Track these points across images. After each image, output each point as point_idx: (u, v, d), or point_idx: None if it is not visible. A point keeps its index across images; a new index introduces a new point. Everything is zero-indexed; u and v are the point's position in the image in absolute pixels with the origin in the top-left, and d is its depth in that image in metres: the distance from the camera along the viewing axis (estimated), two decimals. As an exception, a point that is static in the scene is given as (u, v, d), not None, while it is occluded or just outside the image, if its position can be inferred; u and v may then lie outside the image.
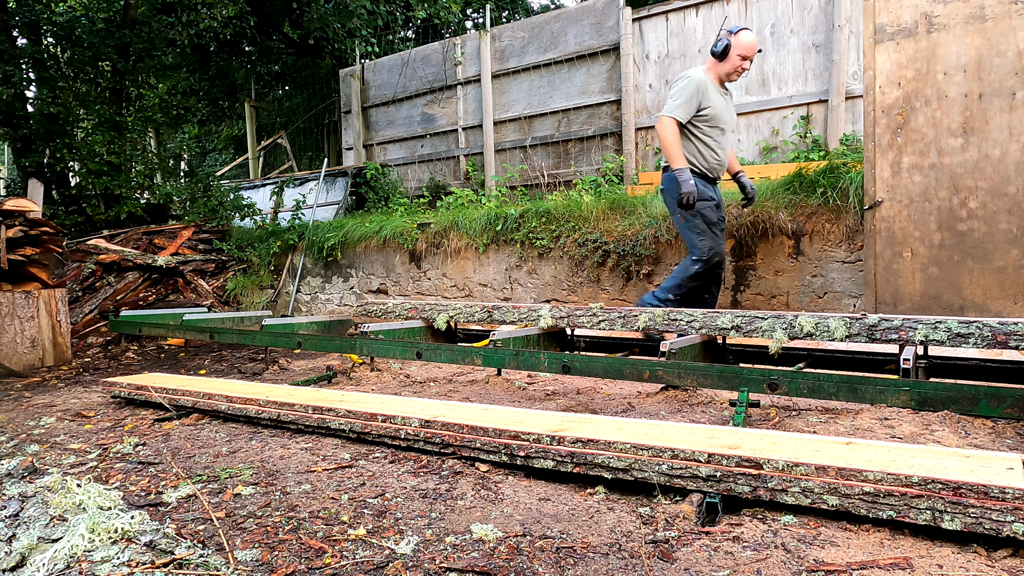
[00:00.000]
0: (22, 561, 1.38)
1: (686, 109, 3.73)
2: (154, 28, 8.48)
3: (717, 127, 3.81)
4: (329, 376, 3.86)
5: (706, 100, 3.74)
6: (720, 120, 3.80)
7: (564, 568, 1.44)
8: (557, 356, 3.09)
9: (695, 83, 3.71)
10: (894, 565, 1.38)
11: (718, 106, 3.77)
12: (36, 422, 3.13)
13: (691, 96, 3.72)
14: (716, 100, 3.77)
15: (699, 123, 3.78)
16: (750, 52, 3.72)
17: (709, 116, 3.76)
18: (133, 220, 8.30)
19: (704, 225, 3.80)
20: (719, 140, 3.84)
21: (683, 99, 3.72)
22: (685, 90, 3.73)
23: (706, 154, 3.83)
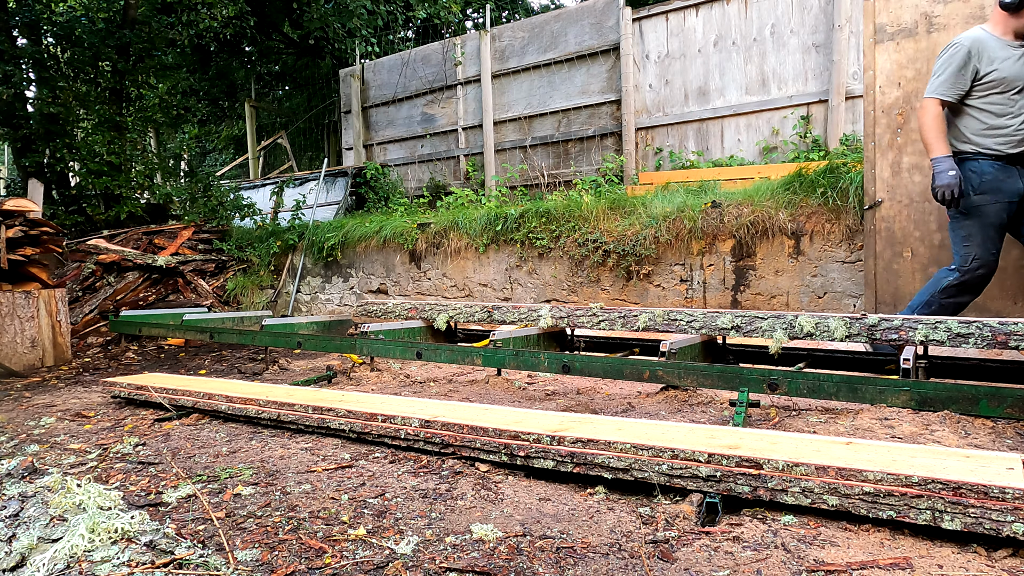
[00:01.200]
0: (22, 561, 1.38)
1: (954, 84, 3.04)
2: (154, 28, 8.48)
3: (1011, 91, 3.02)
4: (329, 376, 3.86)
5: (987, 63, 3.03)
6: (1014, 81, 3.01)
7: (564, 568, 1.44)
8: (557, 356, 3.09)
9: (964, 48, 3.02)
10: (894, 565, 1.38)
11: (1008, 66, 3.00)
12: (36, 422, 3.13)
13: (960, 65, 3.03)
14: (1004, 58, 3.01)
15: (983, 91, 3.06)
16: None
17: (996, 81, 3.02)
18: (133, 220, 8.29)
19: (976, 228, 3.08)
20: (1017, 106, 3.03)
21: (948, 71, 3.05)
22: (950, 60, 3.05)
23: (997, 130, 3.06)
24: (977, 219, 3.09)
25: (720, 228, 4.95)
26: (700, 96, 6.62)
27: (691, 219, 5.02)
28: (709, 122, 6.57)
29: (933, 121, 3.10)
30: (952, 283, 3.15)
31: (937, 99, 3.09)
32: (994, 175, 3.05)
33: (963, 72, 3.04)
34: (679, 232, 5.09)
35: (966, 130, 3.11)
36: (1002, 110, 3.04)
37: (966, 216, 3.12)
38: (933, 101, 3.10)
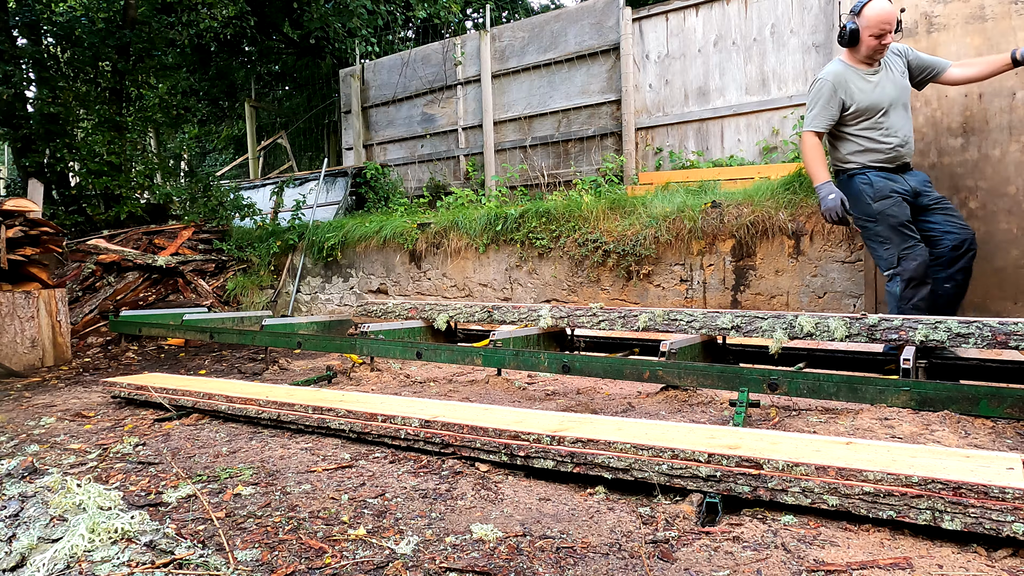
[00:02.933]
0: (22, 561, 1.38)
1: (825, 117, 3.34)
2: (154, 28, 8.48)
3: (876, 114, 3.31)
4: (329, 376, 3.86)
5: (849, 95, 3.32)
6: (875, 107, 3.30)
7: (564, 568, 1.44)
8: (557, 356, 3.09)
9: (828, 84, 3.32)
10: (894, 565, 1.38)
11: (865, 95, 3.30)
12: (36, 422, 3.13)
13: (827, 100, 3.32)
14: (862, 89, 3.31)
15: (851, 121, 3.36)
16: (883, 26, 3.16)
17: (858, 111, 3.32)
18: (133, 220, 8.30)
19: (888, 230, 3.28)
20: (885, 125, 3.31)
21: (818, 106, 3.35)
22: (818, 96, 3.36)
23: (873, 147, 3.34)
24: (885, 223, 3.29)
25: (720, 228, 4.95)
26: (700, 96, 6.62)
27: (691, 219, 5.02)
28: (709, 122, 6.57)
29: (811, 151, 3.39)
30: (901, 288, 3.26)
31: (812, 132, 3.39)
32: (884, 181, 3.31)
33: (830, 104, 3.33)
34: (679, 232, 5.09)
35: (847, 152, 3.40)
36: (874, 133, 3.33)
37: (875, 223, 3.32)
38: (809, 133, 3.40)
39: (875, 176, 3.32)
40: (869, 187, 3.31)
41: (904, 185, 3.32)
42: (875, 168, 3.34)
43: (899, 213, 3.26)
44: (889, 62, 3.37)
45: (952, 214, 3.32)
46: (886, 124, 3.32)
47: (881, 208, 3.28)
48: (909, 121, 3.40)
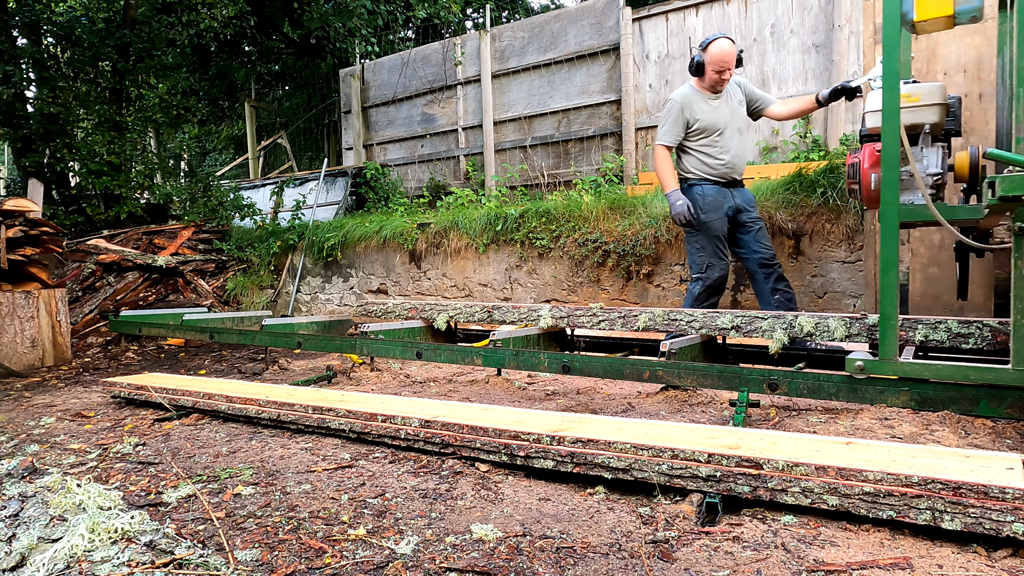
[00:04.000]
0: (22, 561, 1.38)
1: (673, 132, 3.86)
2: (154, 28, 8.48)
3: (714, 133, 3.83)
4: (329, 376, 3.86)
5: (693, 115, 3.83)
6: (714, 127, 3.83)
7: (564, 568, 1.44)
8: (557, 356, 3.09)
9: (677, 104, 3.85)
10: (894, 565, 1.38)
11: (707, 116, 3.82)
12: (36, 422, 3.13)
13: (675, 118, 3.84)
14: (704, 111, 3.83)
15: (694, 137, 3.86)
16: (722, 64, 3.72)
17: (701, 128, 3.83)
18: (133, 220, 8.29)
19: (705, 240, 3.81)
20: (721, 144, 3.84)
21: (668, 123, 3.88)
22: (668, 114, 3.89)
23: (710, 162, 3.84)
24: (704, 233, 3.81)
25: (720, 228, 4.95)
26: (700, 96, 6.62)
27: (691, 219, 5.02)
28: (709, 122, 6.57)
29: (662, 162, 3.88)
30: (700, 290, 3.84)
31: (663, 146, 3.89)
32: (714, 196, 3.81)
33: (678, 122, 3.84)
34: (679, 232, 5.09)
35: (690, 164, 3.90)
36: (711, 150, 3.85)
37: (699, 232, 3.83)
38: (660, 147, 3.90)
39: (709, 189, 3.82)
40: (702, 199, 3.81)
41: (731, 201, 3.85)
42: (710, 181, 3.84)
43: (719, 228, 3.81)
44: (730, 91, 3.91)
45: (760, 236, 3.89)
46: (721, 143, 3.85)
47: (706, 220, 3.80)
48: (743, 143, 3.93)
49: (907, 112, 2.46)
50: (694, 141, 3.86)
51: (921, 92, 2.49)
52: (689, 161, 3.89)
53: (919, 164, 2.57)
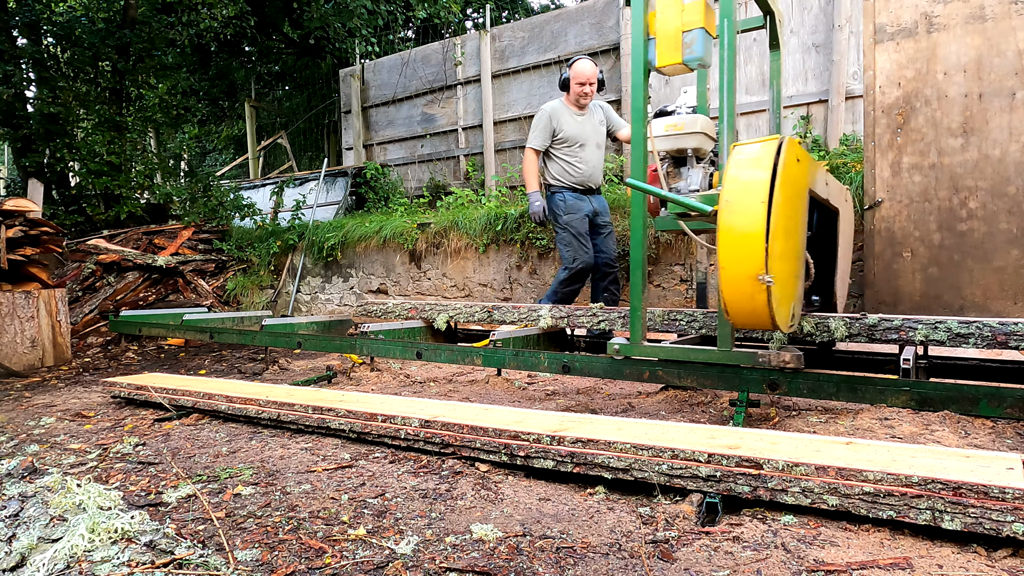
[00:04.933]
0: (22, 561, 1.38)
1: (540, 138, 4.31)
2: (154, 28, 8.48)
3: (575, 145, 4.29)
4: (329, 376, 3.86)
5: (559, 126, 4.27)
6: (576, 139, 4.28)
7: (564, 568, 1.44)
8: (557, 356, 3.09)
9: (546, 114, 4.30)
10: (894, 565, 1.38)
11: (571, 128, 4.28)
12: (36, 422, 3.13)
13: (544, 126, 4.29)
14: (569, 123, 4.28)
15: (559, 145, 4.30)
16: (585, 79, 4.19)
17: (564, 138, 4.28)
18: (133, 220, 8.29)
19: (570, 237, 4.28)
20: (581, 155, 4.30)
21: (537, 130, 4.32)
22: (537, 122, 4.33)
23: (570, 170, 4.31)
24: (569, 232, 4.27)
25: (720, 228, 4.95)
26: (700, 96, 6.62)
27: (691, 219, 5.01)
28: (709, 122, 6.57)
29: (529, 165, 4.35)
30: (565, 277, 4.32)
31: (532, 149, 4.33)
32: (574, 200, 4.29)
33: (545, 130, 4.28)
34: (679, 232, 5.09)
35: (554, 171, 4.35)
36: (572, 159, 4.31)
37: (564, 231, 4.30)
38: (529, 150, 4.34)
39: (569, 195, 4.29)
40: (563, 203, 4.29)
41: (588, 206, 4.33)
42: (569, 188, 4.30)
43: (580, 227, 4.29)
44: (593, 110, 4.38)
45: (608, 240, 4.40)
46: (581, 155, 4.31)
47: (568, 220, 4.27)
48: (600, 157, 4.38)
49: (674, 139, 2.95)
50: (558, 150, 4.31)
51: (684, 122, 2.93)
52: (553, 168, 4.35)
53: (683, 182, 3.02)
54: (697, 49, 2.62)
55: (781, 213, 2.13)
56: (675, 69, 2.73)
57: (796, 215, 2.31)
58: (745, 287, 2.14)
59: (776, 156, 2.16)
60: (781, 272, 2.18)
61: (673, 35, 2.66)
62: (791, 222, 2.25)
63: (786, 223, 2.19)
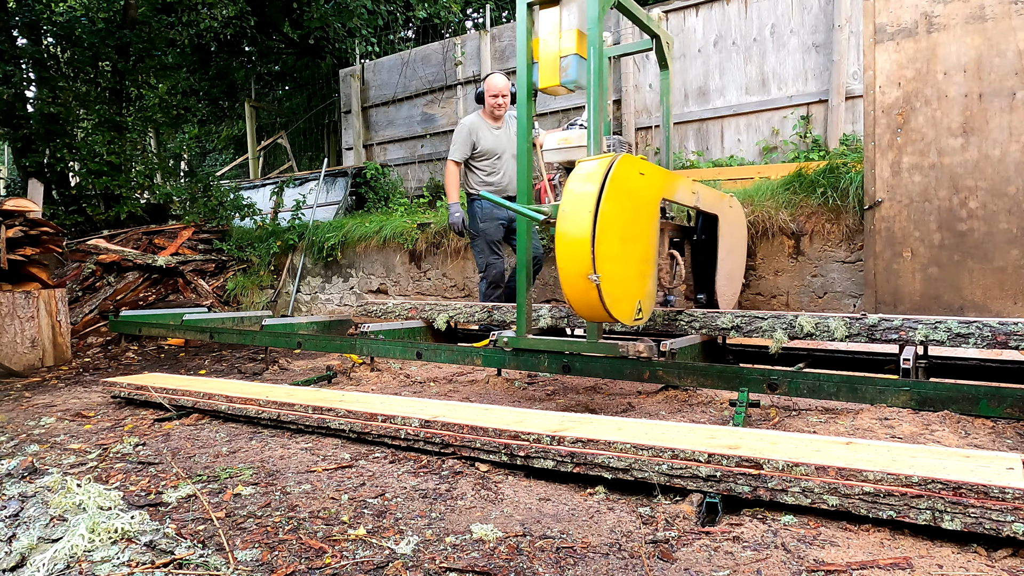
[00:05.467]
0: (22, 561, 1.38)
1: (461, 151, 4.54)
2: (154, 28, 8.48)
3: (493, 157, 4.55)
4: (329, 376, 3.86)
5: (478, 139, 4.50)
6: (493, 151, 4.53)
7: (564, 568, 1.44)
8: (557, 356, 3.09)
9: (465, 128, 4.53)
10: (894, 565, 1.38)
11: (488, 141, 4.52)
12: (36, 422, 3.13)
13: (464, 140, 4.52)
14: (486, 136, 4.52)
15: (478, 158, 4.57)
16: (498, 91, 4.43)
17: (483, 151, 4.53)
18: (133, 220, 8.29)
19: (483, 244, 4.58)
20: (498, 166, 4.55)
21: (458, 143, 4.54)
22: (457, 136, 4.56)
23: (489, 180, 4.57)
24: (484, 239, 4.55)
25: (720, 228, 4.95)
26: (700, 96, 6.62)
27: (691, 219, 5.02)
28: (709, 122, 6.57)
29: (450, 176, 4.58)
30: (485, 287, 4.59)
31: (452, 161, 4.57)
32: (490, 208, 4.49)
33: (465, 143, 4.51)
34: (679, 232, 5.09)
35: (473, 181, 4.62)
36: (490, 170, 4.58)
37: (478, 238, 4.56)
38: (450, 162, 4.57)
39: (486, 204, 4.46)
40: (480, 211, 4.53)
41: (505, 214, 4.48)
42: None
43: (494, 234, 4.53)
44: (509, 121, 4.60)
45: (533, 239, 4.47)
46: (498, 166, 4.55)
47: (484, 228, 4.53)
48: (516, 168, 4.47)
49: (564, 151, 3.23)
50: (478, 162, 4.57)
51: (573, 136, 3.21)
52: (472, 178, 4.63)
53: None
54: (571, 73, 2.90)
55: (612, 221, 2.43)
56: (554, 90, 2.99)
57: (640, 222, 2.63)
58: (579, 285, 2.42)
59: (606, 172, 2.44)
60: (613, 272, 2.45)
61: (552, 60, 2.94)
62: (630, 228, 2.56)
63: (622, 229, 2.50)
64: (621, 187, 2.49)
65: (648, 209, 2.70)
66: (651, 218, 2.72)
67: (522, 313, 3.15)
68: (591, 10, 2.81)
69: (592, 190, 2.43)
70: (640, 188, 2.63)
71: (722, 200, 3.57)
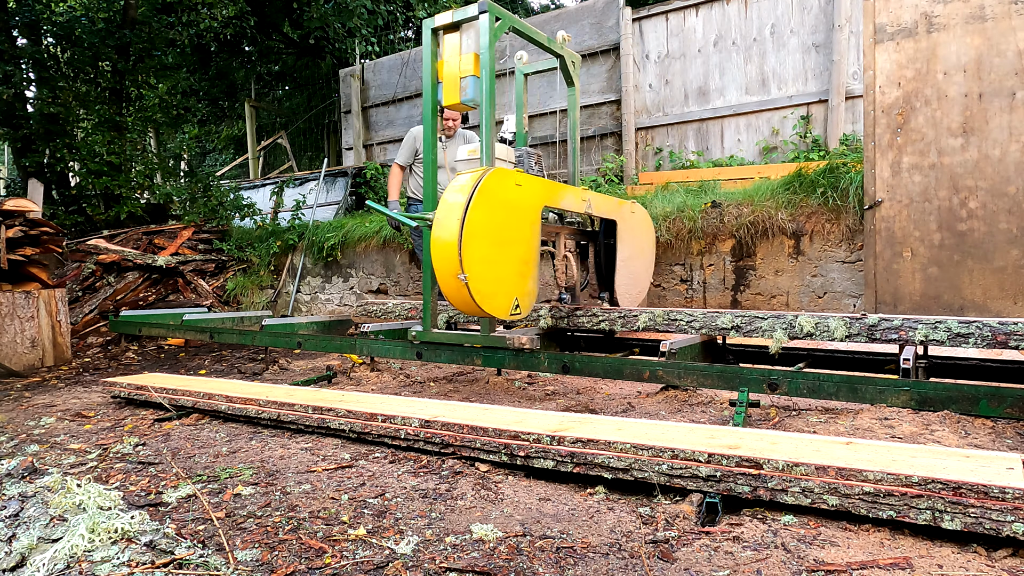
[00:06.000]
0: (22, 561, 1.38)
1: (404, 156, 4.88)
2: (154, 28, 8.48)
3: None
4: (329, 376, 3.86)
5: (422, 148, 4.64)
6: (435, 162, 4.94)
7: (564, 568, 1.44)
8: (557, 356, 3.09)
9: (413, 136, 4.86)
10: (894, 565, 1.38)
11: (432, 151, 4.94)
12: (36, 422, 3.13)
13: (410, 146, 4.85)
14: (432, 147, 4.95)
15: (420, 165, 4.81)
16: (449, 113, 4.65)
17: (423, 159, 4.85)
18: (133, 220, 8.29)
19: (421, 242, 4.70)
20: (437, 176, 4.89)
21: (404, 148, 4.88)
22: (405, 142, 4.87)
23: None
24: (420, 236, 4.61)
25: (720, 228, 4.95)
26: (700, 96, 6.62)
27: (691, 219, 5.02)
28: (709, 122, 6.57)
29: (393, 177, 4.94)
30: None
31: (397, 164, 4.91)
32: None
33: (410, 150, 4.86)
34: (679, 232, 5.09)
35: (413, 186, 4.99)
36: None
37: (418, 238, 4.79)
38: (395, 164, 4.93)
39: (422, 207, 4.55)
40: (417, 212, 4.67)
41: None
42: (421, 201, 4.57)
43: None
44: (458, 139, 4.85)
45: None
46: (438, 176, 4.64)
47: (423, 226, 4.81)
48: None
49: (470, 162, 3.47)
50: (420, 168, 4.80)
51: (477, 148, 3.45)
52: (413, 183, 4.98)
53: None
54: (470, 92, 3.21)
55: (480, 227, 2.73)
56: (456, 107, 3.31)
57: (517, 227, 2.96)
58: (451, 283, 2.71)
59: (475, 185, 2.74)
60: (483, 273, 2.75)
61: (454, 81, 3.27)
62: (504, 233, 2.88)
63: (493, 234, 2.81)
64: (491, 197, 2.79)
65: (526, 216, 3.02)
66: (531, 224, 3.05)
67: (427, 310, 3.49)
68: (483, 37, 3.13)
69: (461, 200, 2.72)
70: (516, 198, 2.95)
71: (622, 207, 3.86)
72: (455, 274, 2.66)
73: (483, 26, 3.12)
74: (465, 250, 2.65)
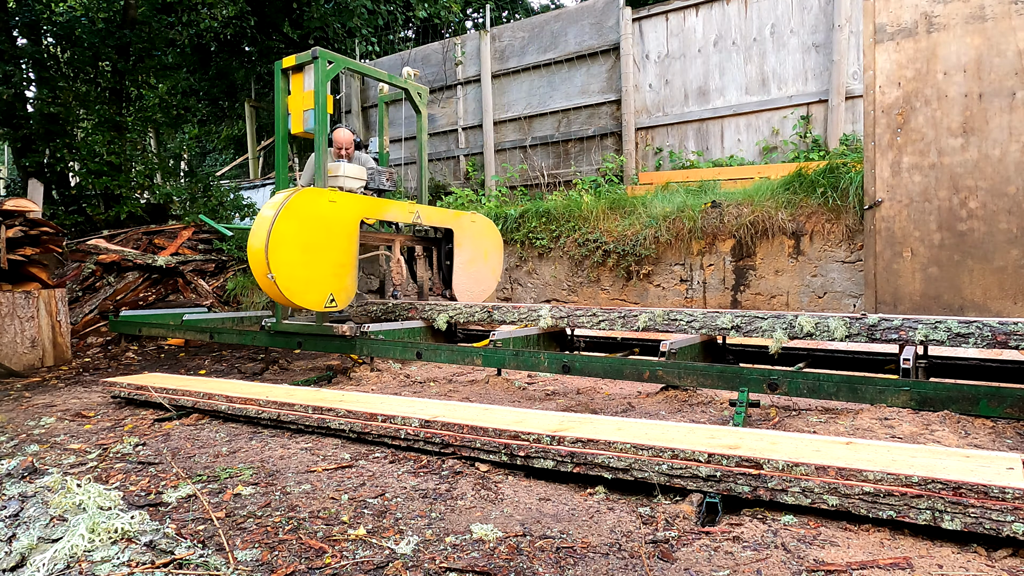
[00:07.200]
0: (22, 561, 1.38)
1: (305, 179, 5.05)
2: (154, 28, 8.48)
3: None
4: (329, 376, 3.85)
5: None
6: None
7: (564, 568, 1.44)
8: (557, 356, 3.09)
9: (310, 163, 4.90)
10: (894, 565, 1.38)
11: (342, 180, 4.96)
12: (36, 422, 3.13)
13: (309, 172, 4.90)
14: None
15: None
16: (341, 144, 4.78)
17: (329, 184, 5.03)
18: (133, 220, 8.29)
19: None
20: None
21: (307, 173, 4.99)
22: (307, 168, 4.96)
23: None
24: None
25: (720, 228, 4.95)
26: (700, 96, 6.62)
27: (691, 219, 5.02)
28: (709, 122, 6.57)
29: None
30: None
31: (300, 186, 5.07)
32: None
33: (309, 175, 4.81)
34: (679, 232, 5.09)
35: None
36: None
37: None
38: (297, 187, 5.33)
39: None
40: None
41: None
42: None
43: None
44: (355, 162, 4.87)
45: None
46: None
47: None
48: None
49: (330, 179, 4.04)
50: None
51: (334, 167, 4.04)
52: None
53: None
54: (310, 123, 3.96)
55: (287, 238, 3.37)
56: (303, 135, 4.02)
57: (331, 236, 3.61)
58: (264, 282, 3.36)
59: (283, 203, 3.37)
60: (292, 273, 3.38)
61: (298, 113, 4.02)
62: (315, 241, 3.52)
63: (302, 243, 3.44)
64: (298, 212, 3.42)
65: (343, 227, 3.68)
66: (347, 234, 3.71)
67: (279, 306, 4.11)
68: (316, 77, 3.88)
69: (271, 215, 3.34)
70: (329, 212, 3.60)
71: (459, 217, 4.59)
72: (265, 274, 3.29)
73: (316, 68, 3.87)
74: (272, 255, 3.28)
